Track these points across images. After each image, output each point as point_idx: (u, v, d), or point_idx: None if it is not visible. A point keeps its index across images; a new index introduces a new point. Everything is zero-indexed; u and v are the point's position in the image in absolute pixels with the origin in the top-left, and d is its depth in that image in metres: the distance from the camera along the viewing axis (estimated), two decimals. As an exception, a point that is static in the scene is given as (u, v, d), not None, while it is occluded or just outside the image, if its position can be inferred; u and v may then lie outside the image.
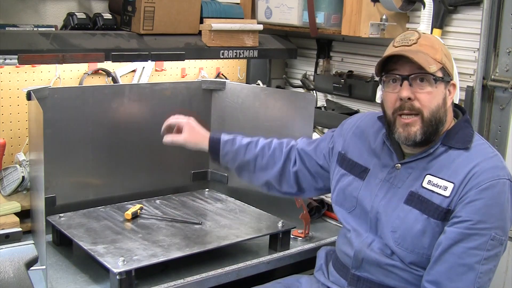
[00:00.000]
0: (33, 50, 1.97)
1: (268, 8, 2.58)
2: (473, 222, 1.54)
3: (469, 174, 1.58)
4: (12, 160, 2.29)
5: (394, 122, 1.65)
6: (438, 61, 1.61)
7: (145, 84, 2.44)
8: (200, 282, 1.89)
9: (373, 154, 1.80)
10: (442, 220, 1.59)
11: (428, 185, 1.63)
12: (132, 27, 2.24)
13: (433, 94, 1.61)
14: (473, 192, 1.56)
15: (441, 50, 1.65)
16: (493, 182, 1.56)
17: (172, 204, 2.34)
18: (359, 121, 1.91)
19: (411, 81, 1.60)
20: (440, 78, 1.61)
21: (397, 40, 1.67)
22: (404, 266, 1.66)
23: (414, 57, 1.57)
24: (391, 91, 1.65)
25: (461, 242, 1.54)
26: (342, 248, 1.82)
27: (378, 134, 1.81)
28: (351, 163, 1.84)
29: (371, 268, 1.71)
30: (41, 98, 2.04)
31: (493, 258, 1.56)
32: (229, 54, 2.42)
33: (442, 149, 1.65)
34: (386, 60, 1.65)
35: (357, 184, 1.79)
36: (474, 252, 1.54)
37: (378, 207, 1.71)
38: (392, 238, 1.66)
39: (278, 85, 2.98)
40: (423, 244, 1.62)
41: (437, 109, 1.62)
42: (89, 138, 2.25)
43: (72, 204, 2.21)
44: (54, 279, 1.84)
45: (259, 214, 2.28)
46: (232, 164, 2.02)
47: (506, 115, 2.15)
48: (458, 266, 1.54)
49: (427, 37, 1.67)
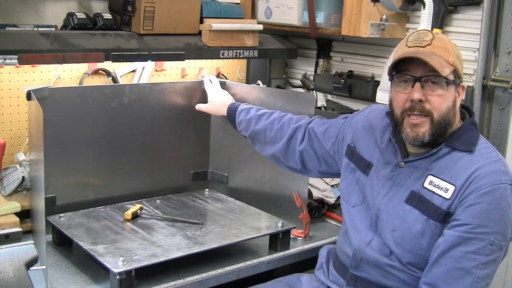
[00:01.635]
0: (33, 50, 1.98)
1: (268, 8, 2.58)
2: (472, 226, 1.53)
3: (470, 177, 1.57)
4: (12, 160, 2.29)
5: (402, 121, 1.64)
6: (451, 63, 1.59)
7: (145, 84, 2.44)
8: (200, 282, 1.89)
9: (378, 149, 1.79)
10: (441, 222, 1.59)
11: (429, 186, 1.63)
12: (132, 27, 2.24)
13: (444, 97, 1.59)
14: (474, 196, 1.54)
15: (453, 52, 1.62)
16: (494, 187, 1.54)
17: (172, 204, 2.34)
18: (369, 115, 1.90)
19: (423, 83, 1.59)
20: (452, 81, 1.60)
21: (410, 40, 1.64)
22: (402, 267, 1.66)
23: (430, 61, 1.56)
24: (401, 91, 1.63)
25: (459, 246, 1.53)
26: (342, 247, 1.82)
27: (385, 130, 1.80)
28: (359, 158, 1.83)
29: (370, 268, 1.71)
30: (41, 98, 2.04)
31: (492, 263, 1.54)
32: (229, 54, 2.42)
33: (446, 150, 1.64)
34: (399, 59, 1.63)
35: (363, 180, 1.79)
36: (472, 257, 1.53)
37: (379, 205, 1.71)
38: (392, 237, 1.66)
39: (278, 85, 2.98)
40: (421, 245, 1.62)
41: (447, 111, 1.60)
42: (89, 138, 2.24)
43: (72, 204, 2.21)
44: (54, 279, 1.84)
45: (259, 214, 2.28)
46: (245, 132, 2.19)
47: (506, 115, 2.15)
48: (456, 270, 1.54)
49: (441, 38, 1.64)
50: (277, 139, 2.08)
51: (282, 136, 2.07)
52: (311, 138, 2.01)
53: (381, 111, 1.87)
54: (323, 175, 2.13)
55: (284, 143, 2.06)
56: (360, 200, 1.79)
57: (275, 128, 2.09)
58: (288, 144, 2.05)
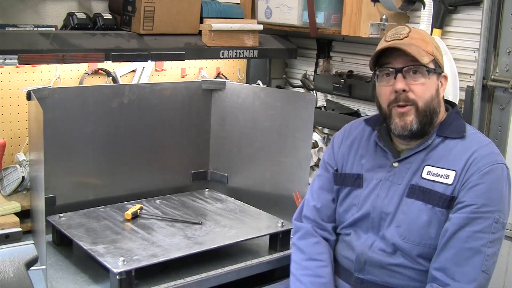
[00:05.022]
0: (33, 50, 1.97)
1: (268, 8, 2.58)
2: (477, 206, 1.57)
3: (469, 160, 1.62)
4: (12, 160, 2.29)
5: (390, 114, 1.69)
6: (429, 53, 1.66)
7: (145, 84, 2.44)
8: (200, 282, 1.89)
9: (364, 159, 1.81)
10: (447, 208, 1.62)
11: (428, 176, 1.66)
12: (132, 27, 2.24)
13: (426, 85, 1.65)
14: (476, 177, 1.59)
15: (431, 42, 1.69)
16: (493, 167, 1.60)
17: (172, 204, 2.34)
18: (347, 132, 1.92)
19: (405, 73, 1.65)
20: (432, 69, 1.66)
21: (388, 35, 1.70)
22: (408, 264, 1.66)
23: (408, 49, 1.62)
24: (385, 84, 1.69)
25: (466, 227, 1.57)
26: (342, 252, 1.82)
27: (369, 138, 1.83)
28: (343, 176, 1.85)
29: (375, 270, 1.71)
30: (41, 98, 2.04)
31: (497, 241, 1.59)
32: (229, 54, 2.42)
33: (438, 140, 1.69)
34: (379, 55, 1.69)
35: (357, 193, 1.80)
36: (479, 236, 1.56)
37: (381, 207, 1.72)
38: (397, 233, 1.67)
39: (278, 85, 2.98)
40: (429, 234, 1.63)
41: (430, 99, 1.66)
42: (89, 138, 2.24)
43: (72, 204, 2.21)
44: (54, 279, 1.84)
45: (259, 214, 2.28)
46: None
47: (506, 115, 2.15)
48: (465, 251, 1.56)
49: (417, 31, 1.71)
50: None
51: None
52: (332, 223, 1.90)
53: (359, 123, 1.90)
54: None
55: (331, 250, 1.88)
56: (353, 213, 1.79)
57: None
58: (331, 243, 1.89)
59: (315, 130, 2.77)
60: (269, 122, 2.39)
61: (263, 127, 2.41)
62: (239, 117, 2.50)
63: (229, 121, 2.54)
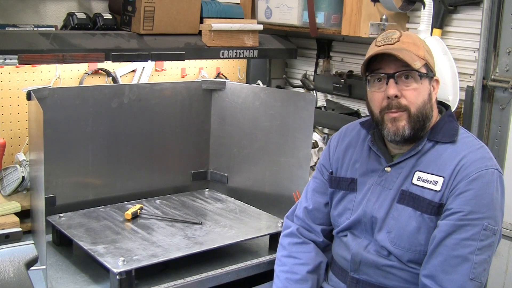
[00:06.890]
0: (33, 50, 1.97)
1: (268, 8, 2.58)
2: (464, 213, 1.55)
3: (457, 167, 1.60)
4: (12, 160, 2.29)
5: (382, 119, 1.67)
6: (421, 57, 1.63)
7: (145, 84, 2.44)
8: (200, 282, 1.89)
9: (358, 163, 1.80)
10: (435, 215, 1.60)
11: (418, 182, 1.65)
12: (132, 27, 2.24)
13: (418, 90, 1.63)
14: (463, 184, 1.57)
15: (423, 46, 1.67)
16: (481, 173, 1.57)
17: (172, 204, 2.34)
18: (342, 134, 1.91)
19: (397, 78, 1.63)
20: (424, 74, 1.64)
21: (379, 40, 1.69)
22: (402, 266, 1.66)
23: (400, 55, 1.59)
24: (377, 90, 1.67)
25: (453, 234, 1.55)
26: (339, 252, 1.82)
27: (364, 142, 1.82)
28: (337, 179, 1.85)
29: (370, 270, 1.71)
30: (41, 98, 2.04)
31: (487, 248, 1.56)
32: (229, 54, 2.42)
33: (429, 144, 1.68)
34: (370, 60, 1.66)
35: (351, 197, 1.80)
36: (467, 243, 1.54)
37: (372, 211, 1.71)
38: (388, 239, 1.67)
39: (278, 85, 2.98)
40: (419, 241, 1.62)
41: (423, 104, 1.64)
42: (89, 138, 2.24)
43: (72, 204, 2.21)
44: (54, 279, 1.84)
45: (259, 214, 2.28)
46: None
47: (506, 115, 2.15)
48: (452, 258, 1.55)
49: (408, 34, 1.69)
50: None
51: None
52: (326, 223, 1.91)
53: (355, 126, 1.89)
54: None
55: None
56: (347, 217, 1.79)
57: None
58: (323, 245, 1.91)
59: (315, 130, 2.77)
60: (269, 122, 2.39)
61: (263, 127, 2.41)
62: (239, 117, 2.50)
63: (229, 121, 2.54)
